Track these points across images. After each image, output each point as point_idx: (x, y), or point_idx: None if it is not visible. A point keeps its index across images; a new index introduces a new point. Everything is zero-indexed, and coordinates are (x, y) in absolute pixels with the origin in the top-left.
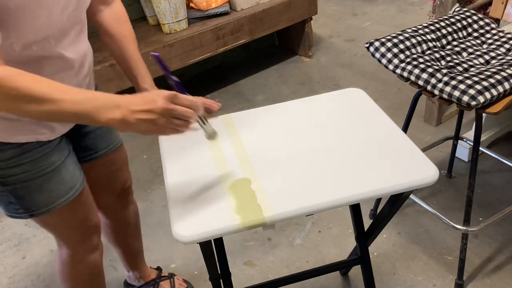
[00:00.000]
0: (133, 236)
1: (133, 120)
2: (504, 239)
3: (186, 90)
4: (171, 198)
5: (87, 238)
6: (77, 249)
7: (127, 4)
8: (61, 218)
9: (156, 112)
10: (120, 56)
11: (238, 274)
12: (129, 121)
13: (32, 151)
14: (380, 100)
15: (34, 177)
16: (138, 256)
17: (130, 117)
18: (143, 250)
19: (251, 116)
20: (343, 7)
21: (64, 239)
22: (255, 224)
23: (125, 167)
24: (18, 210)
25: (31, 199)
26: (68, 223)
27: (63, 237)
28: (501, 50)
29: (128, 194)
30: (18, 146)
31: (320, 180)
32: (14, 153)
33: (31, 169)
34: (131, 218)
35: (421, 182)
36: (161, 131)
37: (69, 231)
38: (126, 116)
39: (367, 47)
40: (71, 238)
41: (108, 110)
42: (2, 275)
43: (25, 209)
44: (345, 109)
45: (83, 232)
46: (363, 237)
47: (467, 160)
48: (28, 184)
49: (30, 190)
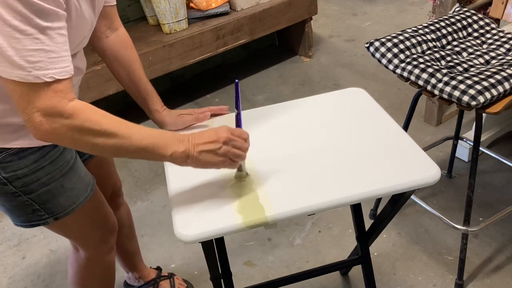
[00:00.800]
0: (129, 238)
1: (195, 153)
2: (504, 239)
3: (186, 90)
4: (173, 198)
5: (106, 239)
6: (95, 251)
7: (127, 4)
8: (83, 218)
9: (220, 142)
10: (128, 80)
11: (238, 274)
12: (191, 154)
13: (50, 152)
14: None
15: (56, 178)
16: (136, 257)
17: (193, 150)
18: (140, 251)
19: (251, 116)
20: (343, 7)
21: (84, 241)
22: (257, 224)
23: (113, 168)
24: (43, 216)
25: (55, 202)
26: (89, 223)
27: (82, 239)
28: (501, 50)
29: (119, 196)
30: (38, 150)
31: (321, 179)
32: (36, 157)
33: (52, 171)
34: (125, 220)
35: (423, 181)
36: (220, 162)
37: (90, 232)
38: (189, 149)
39: (367, 47)
40: (90, 240)
41: (173, 144)
42: (2, 275)
43: (50, 213)
44: (347, 109)
45: (102, 232)
46: (364, 237)
47: (467, 160)
48: (50, 186)
49: (53, 193)
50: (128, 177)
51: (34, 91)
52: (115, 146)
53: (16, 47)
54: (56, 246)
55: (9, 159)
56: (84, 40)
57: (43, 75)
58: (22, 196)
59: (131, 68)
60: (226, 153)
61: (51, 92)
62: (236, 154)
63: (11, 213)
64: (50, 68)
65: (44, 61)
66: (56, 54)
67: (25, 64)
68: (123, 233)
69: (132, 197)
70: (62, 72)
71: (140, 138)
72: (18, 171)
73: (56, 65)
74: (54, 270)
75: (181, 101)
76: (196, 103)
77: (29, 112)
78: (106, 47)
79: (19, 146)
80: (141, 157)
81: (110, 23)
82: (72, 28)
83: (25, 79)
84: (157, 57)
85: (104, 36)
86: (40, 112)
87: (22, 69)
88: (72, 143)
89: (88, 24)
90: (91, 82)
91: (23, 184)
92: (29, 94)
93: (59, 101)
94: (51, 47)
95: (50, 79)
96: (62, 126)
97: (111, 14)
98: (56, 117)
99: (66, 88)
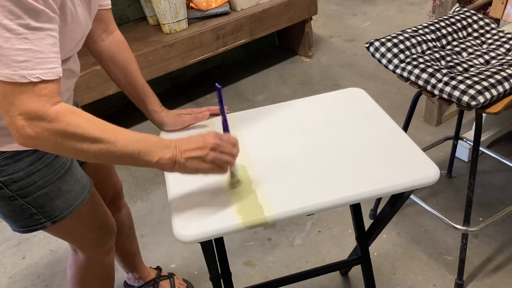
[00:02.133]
0: (129, 239)
1: (182, 159)
2: (504, 239)
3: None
4: (172, 198)
5: (104, 241)
6: (94, 253)
7: (127, 4)
8: (81, 220)
9: (207, 148)
10: (126, 82)
11: (238, 274)
12: (178, 160)
13: (46, 155)
14: (380, 100)
15: (52, 180)
16: (136, 258)
17: (179, 157)
18: (139, 251)
19: (251, 116)
20: (343, 7)
21: (82, 243)
22: (257, 224)
23: (113, 170)
24: (40, 220)
25: (52, 205)
26: (87, 225)
27: (81, 241)
28: (501, 50)
29: (120, 198)
30: (33, 153)
31: (321, 179)
32: (32, 160)
33: (49, 173)
34: (125, 221)
35: (422, 181)
36: (208, 168)
37: (88, 234)
38: (176, 156)
39: (367, 47)
40: (89, 241)
41: (159, 150)
42: (2, 275)
43: (47, 217)
44: (346, 109)
45: (101, 234)
46: (364, 237)
47: (467, 160)
48: (47, 189)
49: (50, 196)
50: (128, 177)
51: (17, 93)
52: (100, 151)
53: (3, 46)
54: (56, 246)
55: (4, 162)
56: (79, 44)
57: (29, 74)
58: (18, 200)
59: (128, 70)
60: (214, 159)
61: (34, 95)
62: (224, 161)
63: (8, 218)
64: (36, 68)
65: (31, 61)
66: (44, 54)
67: (12, 63)
68: (123, 234)
69: (132, 197)
70: (49, 73)
71: (125, 143)
72: (14, 174)
73: (43, 66)
74: (54, 270)
75: (180, 101)
76: (196, 103)
77: (11, 115)
78: (103, 50)
79: (14, 149)
80: (128, 163)
81: (106, 26)
82: (67, 33)
83: (10, 78)
84: (157, 57)
85: (100, 39)
86: (22, 115)
87: (8, 67)
88: (55, 148)
89: (84, 28)
90: (91, 82)
91: (19, 187)
92: (12, 96)
93: (42, 105)
94: (40, 47)
95: (36, 79)
96: (44, 130)
97: (106, 17)
98: (39, 121)
99: (50, 92)
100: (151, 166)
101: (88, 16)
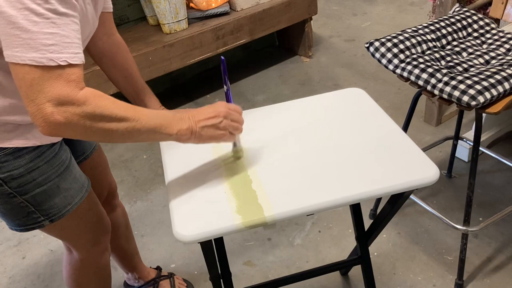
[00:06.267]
0: (126, 238)
1: (198, 128)
2: (504, 239)
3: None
4: (172, 198)
5: (99, 240)
6: (89, 252)
7: (127, 4)
8: (78, 219)
9: (220, 116)
10: (125, 83)
11: (238, 274)
12: (194, 130)
13: (46, 152)
14: (380, 100)
15: (51, 178)
16: (134, 257)
17: (195, 127)
18: (138, 251)
19: (251, 116)
20: (343, 7)
21: (77, 242)
22: (256, 224)
23: (108, 169)
24: (38, 218)
25: (50, 203)
26: (83, 224)
27: (76, 240)
28: (501, 50)
29: (115, 197)
30: (33, 150)
31: (320, 179)
32: (32, 157)
33: (48, 171)
34: (121, 221)
35: (422, 181)
36: (221, 135)
37: (84, 233)
38: (192, 126)
39: (367, 47)
40: (85, 241)
41: (177, 123)
42: (2, 275)
43: (45, 215)
44: (346, 109)
45: (96, 233)
46: (363, 237)
47: (467, 160)
48: (46, 187)
49: (48, 194)
50: (128, 177)
51: (46, 79)
52: (127, 130)
53: (32, 30)
54: (56, 246)
55: (5, 159)
56: (84, 43)
57: (57, 58)
58: (17, 197)
59: (128, 71)
60: (227, 126)
61: (63, 80)
62: (234, 127)
63: (6, 216)
64: (63, 52)
65: (59, 44)
66: (70, 39)
67: (40, 46)
68: (120, 234)
69: (132, 197)
70: (75, 58)
71: (148, 119)
72: (14, 171)
73: (69, 50)
74: (54, 270)
75: (181, 101)
76: (196, 103)
77: (39, 102)
78: (103, 52)
79: (14, 146)
80: (149, 139)
81: (107, 29)
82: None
83: (38, 61)
84: (157, 57)
85: (100, 42)
86: (51, 102)
87: (36, 51)
88: (83, 132)
89: (91, 27)
90: (91, 82)
91: (18, 184)
92: (41, 83)
93: (71, 89)
94: (66, 32)
95: (63, 62)
96: (74, 115)
97: (107, 20)
98: (68, 106)
99: (78, 77)
100: (169, 139)
101: (95, 16)
